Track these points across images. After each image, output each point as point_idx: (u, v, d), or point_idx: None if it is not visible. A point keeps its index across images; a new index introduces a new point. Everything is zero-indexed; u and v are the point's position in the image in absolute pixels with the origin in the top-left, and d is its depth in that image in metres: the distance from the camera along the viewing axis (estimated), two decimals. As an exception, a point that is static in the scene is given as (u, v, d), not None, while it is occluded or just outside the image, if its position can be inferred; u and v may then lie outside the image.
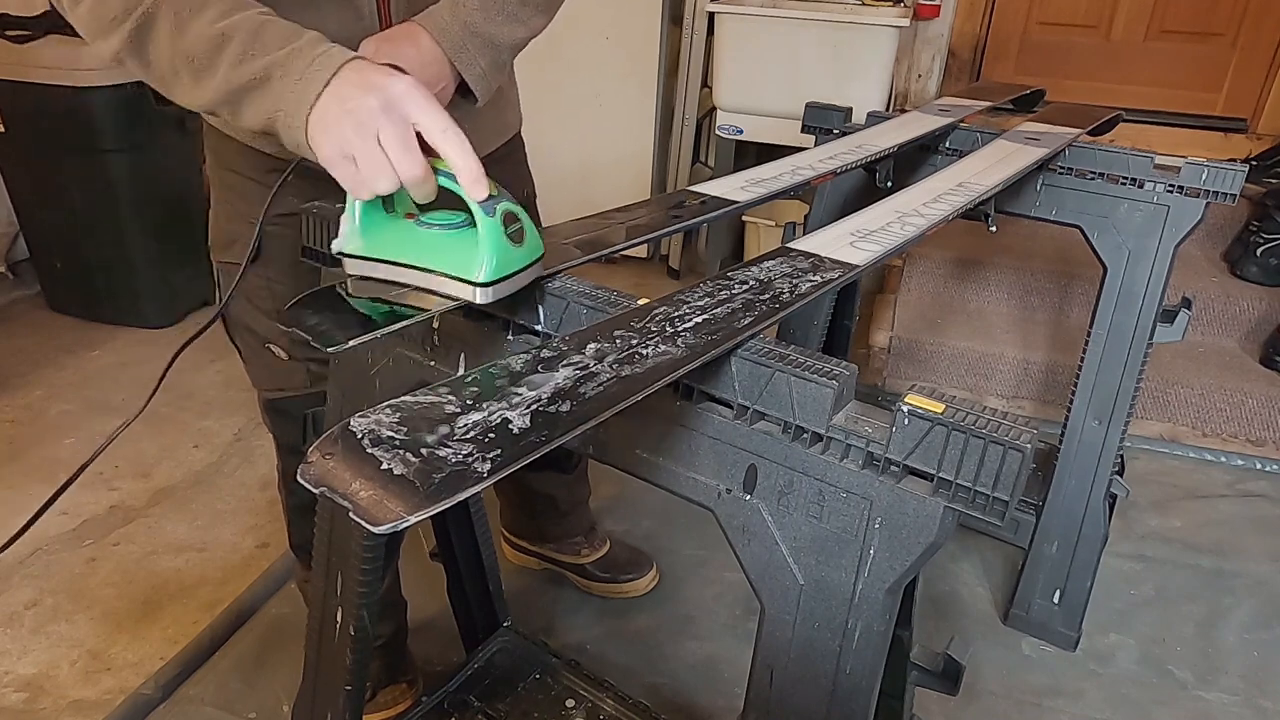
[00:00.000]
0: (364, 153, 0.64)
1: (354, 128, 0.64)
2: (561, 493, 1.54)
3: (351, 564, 0.88)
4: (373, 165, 0.64)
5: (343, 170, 0.66)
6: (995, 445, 0.53)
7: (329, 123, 0.65)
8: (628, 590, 1.62)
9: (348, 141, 0.65)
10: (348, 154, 0.65)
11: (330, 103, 0.66)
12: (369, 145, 0.64)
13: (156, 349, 2.43)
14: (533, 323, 0.72)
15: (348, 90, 0.65)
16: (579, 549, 1.61)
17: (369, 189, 0.66)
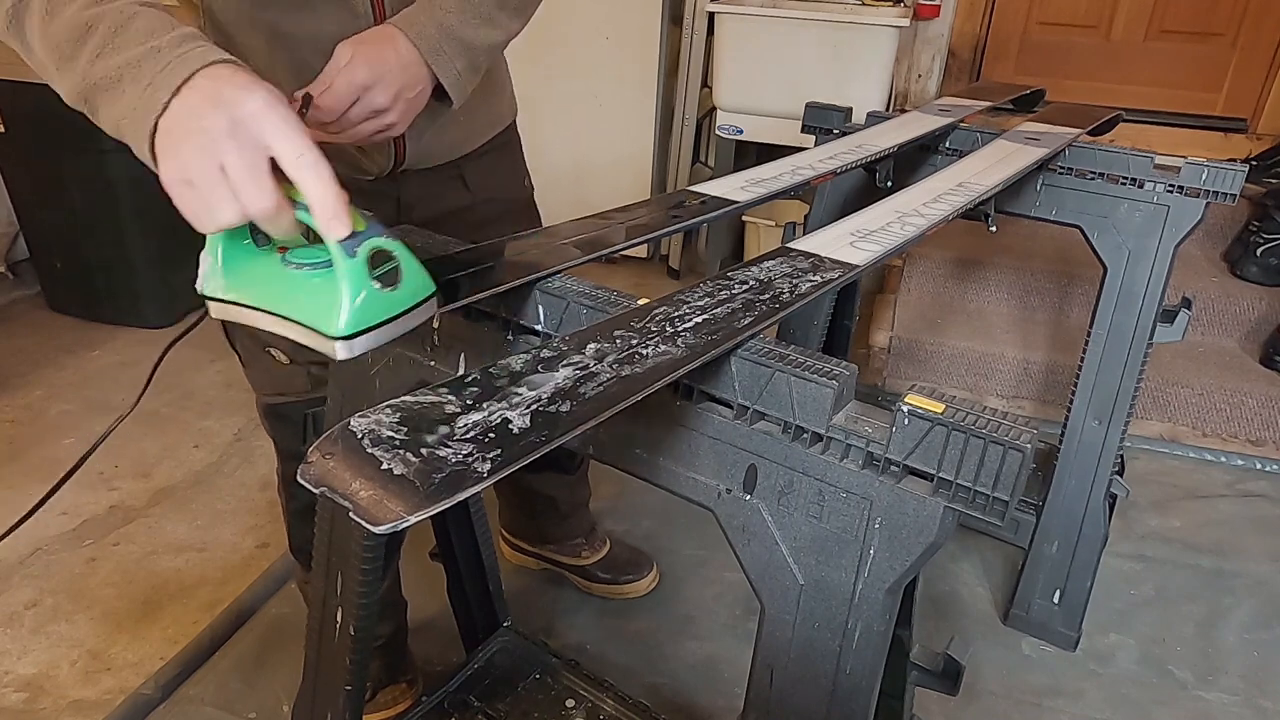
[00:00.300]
0: (204, 179, 0.56)
1: (196, 149, 0.56)
2: (562, 494, 1.54)
3: (351, 564, 0.88)
4: (213, 195, 0.56)
5: (182, 197, 0.57)
6: (995, 445, 0.53)
7: (174, 139, 0.57)
8: (628, 591, 1.62)
9: (187, 165, 0.56)
10: (187, 179, 0.56)
11: (180, 116, 0.57)
12: (210, 171, 0.55)
13: (156, 349, 2.41)
14: (533, 323, 0.72)
15: (196, 103, 0.57)
16: (579, 550, 1.61)
17: (210, 221, 0.58)
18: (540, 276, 0.72)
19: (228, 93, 0.57)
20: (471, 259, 0.74)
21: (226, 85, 0.57)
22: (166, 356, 0.85)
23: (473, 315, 0.75)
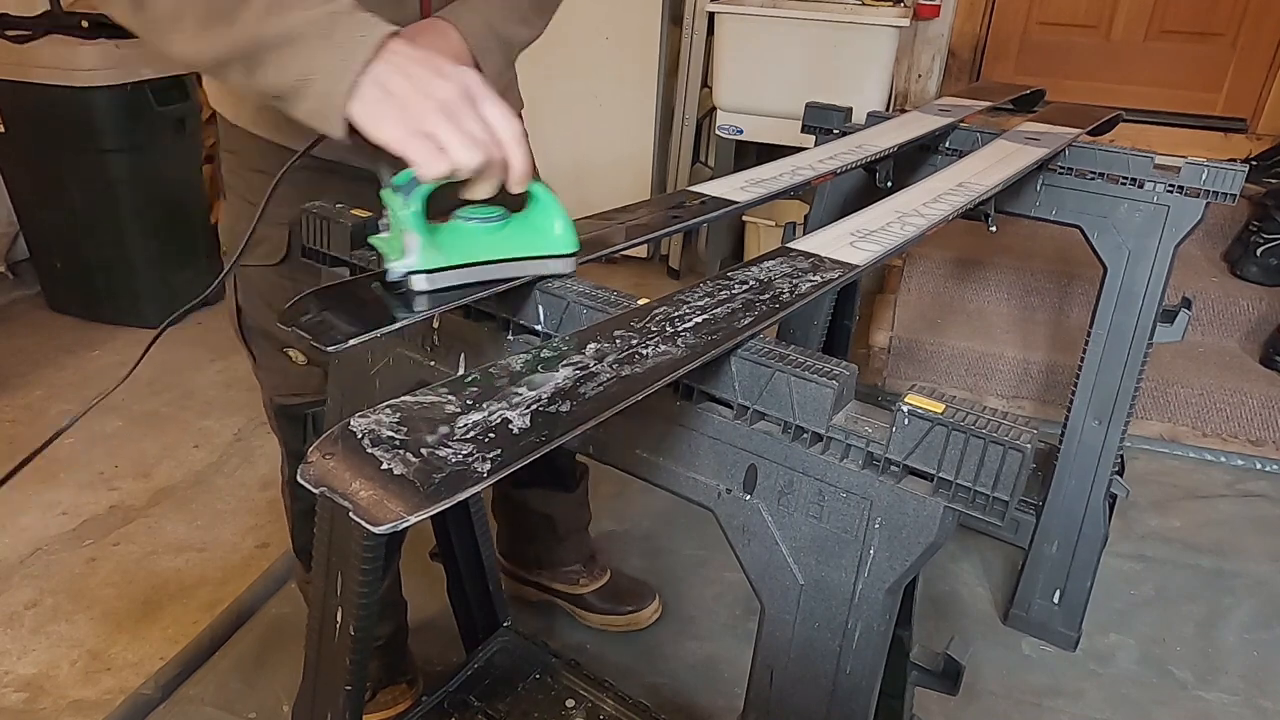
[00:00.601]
0: (452, 133, 0.63)
1: (438, 108, 0.62)
2: (561, 513, 1.49)
3: (351, 564, 0.88)
4: (461, 144, 0.63)
5: (418, 147, 0.62)
6: (995, 445, 0.53)
7: (399, 99, 0.63)
8: (628, 623, 1.56)
9: (426, 120, 0.62)
10: (426, 131, 0.62)
11: (396, 80, 0.63)
12: (452, 126, 0.62)
13: (156, 349, 2.42)
14: (533, 323, 0.72)
15: (418, 72, 0.63)
16: (576, 579, 1.55)
17: (449, 166, 0.63)
18: (540, 276, 0.72)
19: (445, 64, 0.64)
20: (471, 259, 0.74)
21: (437, 57, 0.64)
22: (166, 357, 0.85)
23: (473, 315, 0.75)
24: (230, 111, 0.98)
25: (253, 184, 1.00)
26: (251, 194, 1.00)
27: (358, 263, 0.82)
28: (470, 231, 0.69)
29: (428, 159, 0.63)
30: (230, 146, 1.01)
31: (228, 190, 1.04)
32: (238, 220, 1.04)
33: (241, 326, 1.08)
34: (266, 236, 1.00)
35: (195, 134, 2.57)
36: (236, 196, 1.03)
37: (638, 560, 1.74)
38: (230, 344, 2.54)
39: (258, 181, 0.99)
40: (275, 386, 1.11)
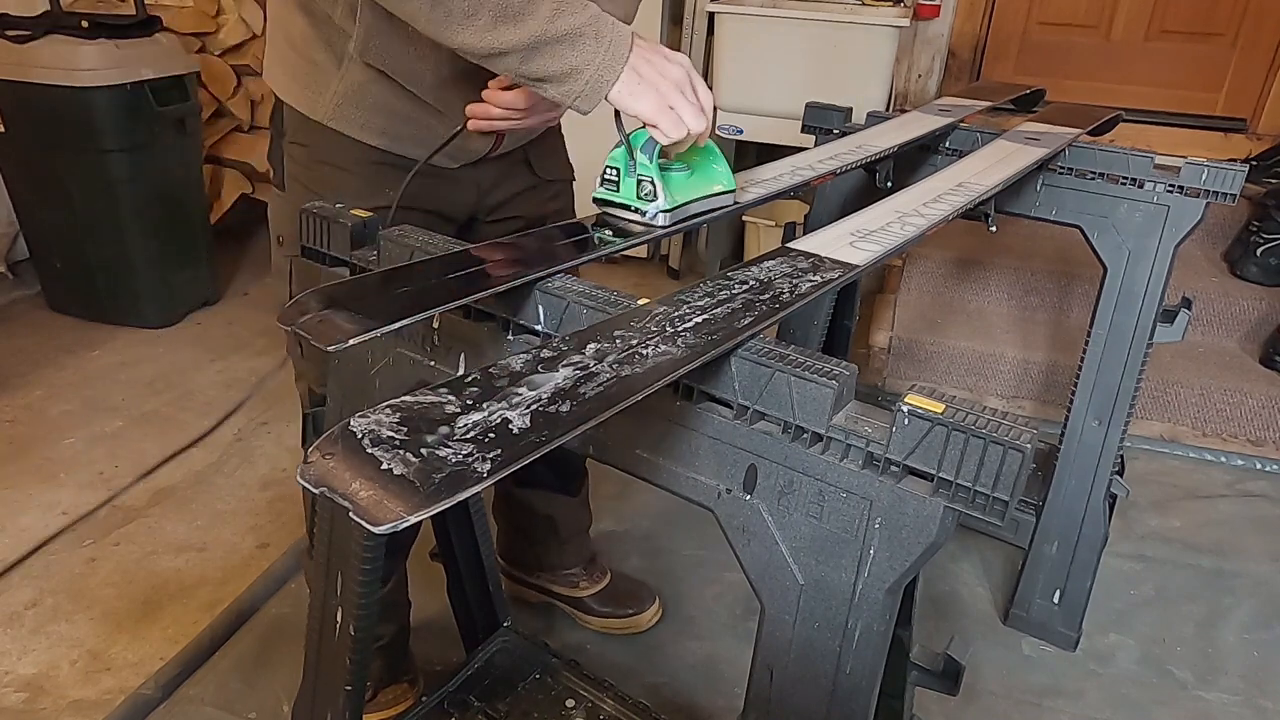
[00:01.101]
0: (686, 105, 0.82)
1: (675, 87, 0.82)
2: (562, 516, 1.49)
3: (351, 564, 0.88)
4: (693, 114, 0.83)
5: (667, 119, 0.82)
6: (995, 445, 0.53)
7: (650, 82, 0.82)
8: (628, 626, 1.56)
9: (670, 97, 0.82)
10: (671, 105, 0.82)
11: (645, 67, 0.82)
12: (686, 101, 0.82)
13: (156, 349, 2.43)
14: (533, 323, 0.72)
15: (658, 60, 0.83)
16: (576, 581, 1.55)
17: (686, 129, 0.82)
18: (540, 276, 0.72)
19: (670, 54, 0.84)
20: (472, 259, 0.74)
21: (664, 50, 0.85)
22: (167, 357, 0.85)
23: (473, 315, 0.75)
24: (307, 106, 1.03)
25: (321, 177, 1.05)
26: (318, 185, 1.05)
27: (358, 263, 0.82)
28: (679, 179, 0.88)
29: (672, 127, 0.82)
30: (301, 139, 1.06)
31: (289, 180, 1.09)
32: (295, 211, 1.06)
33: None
34: None
35: (195, 134, 2.57)
36: (300, 187, 1.07)
37: (638, 560, 1.74)
38: (230, 344, 2.55)
39: (327, 175, 1.05)
40: (318, 378, 1.12)
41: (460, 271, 0.71)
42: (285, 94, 1.05)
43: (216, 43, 2.80)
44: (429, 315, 0.71)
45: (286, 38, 1.03)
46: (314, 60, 1.00)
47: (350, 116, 1.02)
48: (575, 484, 1.49)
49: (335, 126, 1.02)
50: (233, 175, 2.96)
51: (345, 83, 1.00)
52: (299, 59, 1.02)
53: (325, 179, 1.05)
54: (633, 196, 0.86)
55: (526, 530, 1.52)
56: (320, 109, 1.02)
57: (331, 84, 1.00)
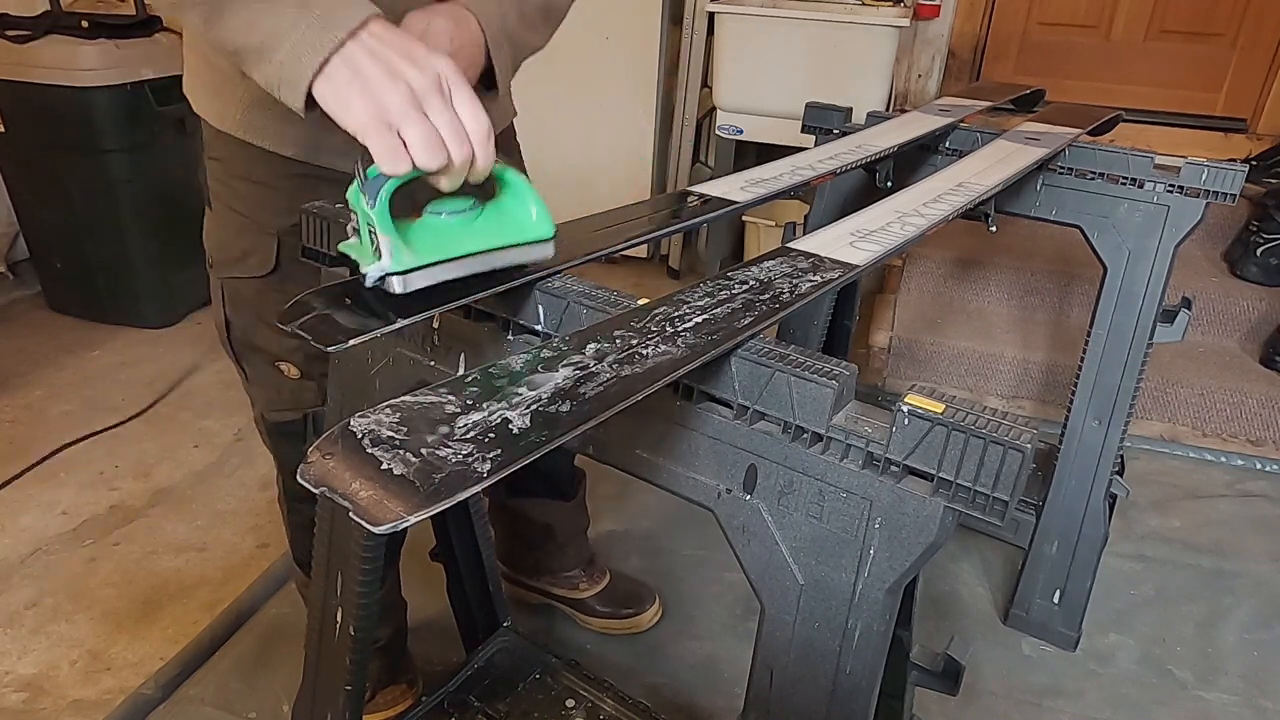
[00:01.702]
0: (416, 126, 0.60)
1: (409, 96, 0.60)
2: (560, 522, 1.48)
3: (351, 564, 0.88)
4: (426, 142, 0.60)
5: (381, 139, 0.60)
6: (995, 445, 0.53)
7: (368, 82, 0.60)
8: (628, 626, 1.55)
9: (393, 110, 0.59)
10: (390, 123, 0.60)
11: (367, 61, 0.60)
12: (420, 118, 0.60)
13: (156, 349, 2.43)
14: (533, 323, 0.72)
15: (393, 56, 0.60)
16: (576, 583, 1.54)
17: (413, 163, 0.61)
18: (540, 276, 0.72)
19: (417, 49, 0.61)
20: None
21: (410, 41, 0.61)
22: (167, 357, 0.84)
23: (473, 315, 0.75)
24: (215, 117, 0.94)
25: (240, 193, 0.96)
26: (238, 203, 0.96)
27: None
28: (442, 226, 0.68)
29: (388, 157, 0.60)
30: (215, 154, 0.97)
31: (213, 199, 0.99)
32: (224, 231, 0.99)
33: (231, 340, 1.05)
34: (256, 247, 0.96)
35: (195, 134, 2.56)
36: (222, 205, 0.98)
37: (638, 560, 1.74)
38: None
39: (245, 190, 0.96)
40: (268, 402, 1.07)
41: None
42: (196, 105, 0.96)
43: (216, 43, 2.79)
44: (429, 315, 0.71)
45: (194, 45, 0.95)
46: (218, 67, 0.91)
47: (260, 126, 0.91)
48: (569, 489, 1.47)
49: (246, 138, 0.92)
50: (233, 175, 2.96)
51: (251, 90, 0.88)
52: (206, 66, 0.93)
53: (245, 195, 0.96)
54: (366, 251, 0.65)
55: (524, 537, 1.51)
56: (229, 119, 0.92)
57: (237, 91, 0.90)
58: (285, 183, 0.93)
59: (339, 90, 0.60)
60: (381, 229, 0.63)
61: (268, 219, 0.94)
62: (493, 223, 0.69)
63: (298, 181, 0.93)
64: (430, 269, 0.65)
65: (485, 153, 0.64)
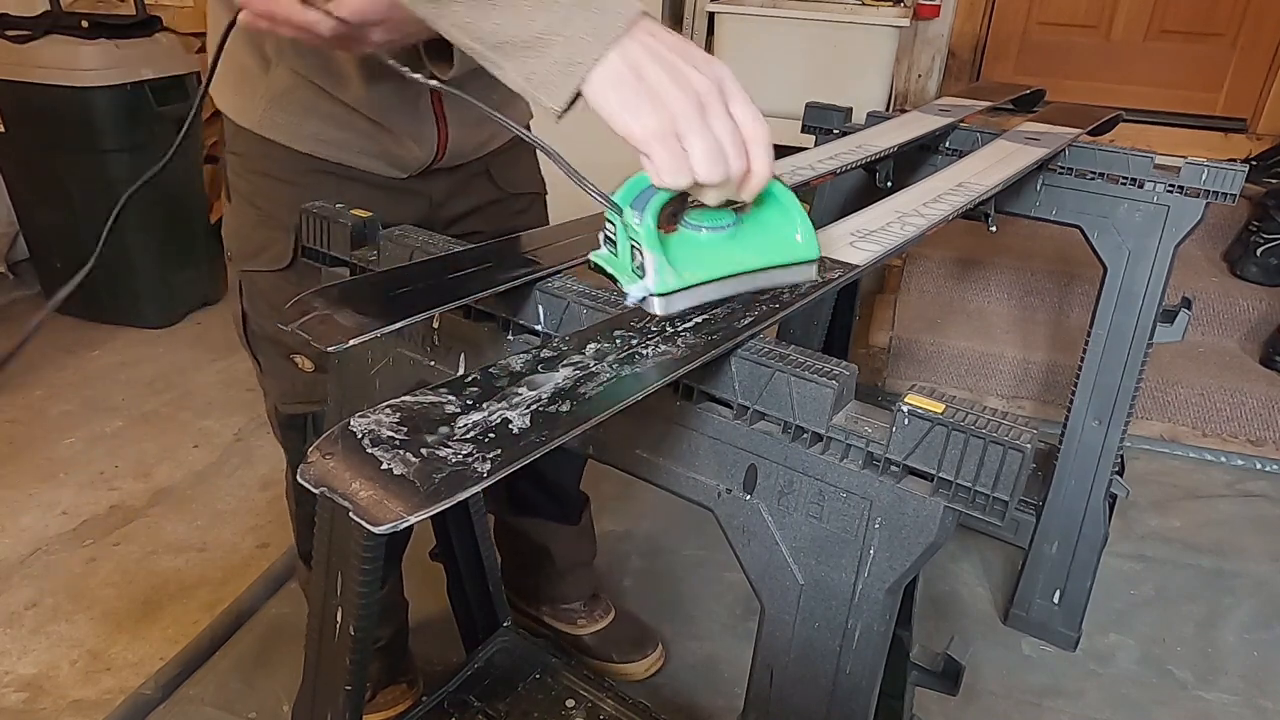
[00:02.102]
0: (701, 138, 0.55)
1: (694, 103, 0.55)
2: (560, 547, 1.43)
3: (351, 564, 0.88)
4: (709, 155, 0.56)
5: (664, 148, 0.55)
6: (995, 445, 0.53)
7: (652, 86, 0.55)
8: (623, 674, 1.47)
9: (680, 118, 0.55)
10: (675, 132, 0.55)
11: (648, 63, 0.55)
12: (703, 129, 0.55)
13: (156, 349, 2.43)
14: (533, 323, 0.72)
15: (672, 58, 0.55)
16: (575, 618, 1.48)
17: (690, 180, 0.57)
18: (540, 276, 0.72)
19: (695, 51, 0.57)
20: (471, 259, 0.74)
21: (686, 43, 0.57)
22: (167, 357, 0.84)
23: (473, 315, 0.75)
24: (236, 113, 0.96)
25: (259, 188, 0.98)
26: (257, 198, 0.99)
27: (358, 263, 0.82)
28: (703, 242, 0.63)
29: (672, 167, 0.56)
30: (235, 149, 0.99)
31: (232, 193, 1.02)
32: (242, 224, 1.01)
33: (246, 333, 1.06)
34: (272, 241, 0.98)
35: (195, 134, 2.57)
36: (241, 200, 1.01)
37: (638, 560, 1.74)
38: (230, 344, 2.54)
39: (264, 185, 0.98)
40: (281, 394, 1.09)
41: (460, 271, 0.71)
42: (219, 100, 0.99)
43: (216, 43, 2.79)
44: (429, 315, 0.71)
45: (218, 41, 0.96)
46: (242, 64, 0.93)
47: (280, 123, 0.94)
48: (574, 513, 1.43)
49: (265, 134, 0.95)
50: (233, 175, 2.96)
51: (272, 87, 0.92)
52: (229, 62, 0.94)
53: (263, 189, 0.98)
54: (625, 268, 0.61)
55: (523, 559, 1.47)
56: (250, 116, 0.95)
57: (259, 88, 0.93)
58: (303, 178, 0.96)
59: (617, 91, 0.56)
60: (648, 246, 0.59)
61: (285, 214, 0.95)
62: (755, 239, 0.64)
63: (315, 177, 0.95)
64: (694, 290, 0.61)
65: (765, 163, 0.59)
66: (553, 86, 0.57)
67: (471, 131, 1.02)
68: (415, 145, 0.97)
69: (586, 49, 0.55)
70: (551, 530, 1.42)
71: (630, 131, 0.56)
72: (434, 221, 1.05)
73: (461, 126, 0.99)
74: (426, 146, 0.98)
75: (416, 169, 1.00)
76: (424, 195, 1.04)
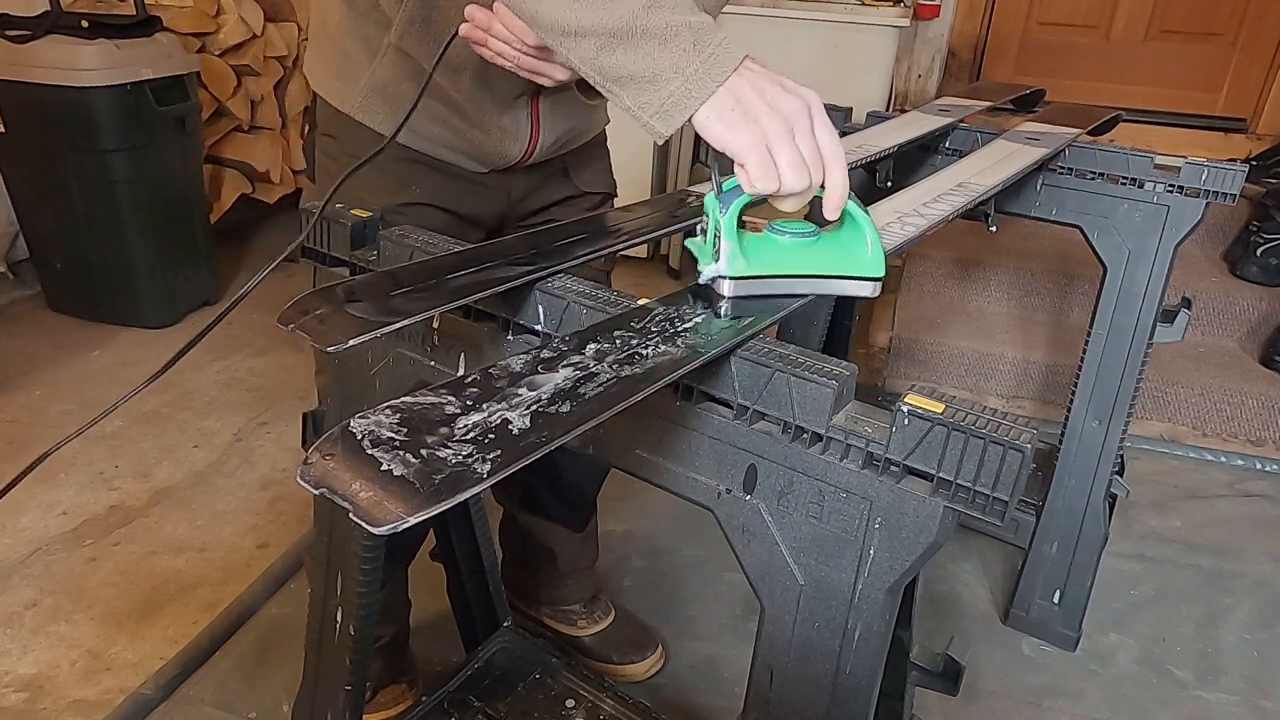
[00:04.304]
0: (788, 151, 0.65)
1: (784, 124, 0.65)
2: (564, 551, 1.43)
3: (351, 564, 0.88)
4: (794, 165, 0.65)
5: (757, 159, 0.65)
6: (995, 445, 0.53)
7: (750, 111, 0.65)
8: (621, 674, 1.46)
9: (771, 135, 0.65)
10: (767, 145, 0.65)
11: (749, 93, 0.65)
12: (790, 144, 0.65)
13: (156, 349, 2.43)
14: (533, 323, 0.72)
15: (770, 89, 0.66)
16: (575, 620, 1.48)
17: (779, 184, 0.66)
18: (540, 276, 0.72)
19: (790, 84, 0.67)
20: (471, 259, 0.74)
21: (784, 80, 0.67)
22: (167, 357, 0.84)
23: (473, 315, 0.75)
24: (336, 98, 1.02)
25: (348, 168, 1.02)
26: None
27: (358, 262, 0.82)
28: (781, 244, 0.71)
29: (762, 174, 0.65)
30: (331, 131, 1.04)
31: (319, 174, 1.08)
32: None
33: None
34: None
35: (195, 134, 2.57)
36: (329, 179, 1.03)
37: (638, 560, 1.74)
38: (230, 344, 2.55)
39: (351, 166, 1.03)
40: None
41: (460, 271, 0.71)
42: (317, 85, 1.05)
43: (216, 43, 2.80)
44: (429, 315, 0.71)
45: (323, 27, 1.03)
46: (347, 51, 1.00)
47: (377, 110, 1.00)
48: (581, 519, 1.43)
49: (362, 120, 1.01)
50: (233, 175, 2.96)
51: (376, 76, 0.99)
52: (333, 49, 1.01)
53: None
54: (707, 251, 0.71)
55: (525, 558, 1.48)
56: (349, 101, 1.01)
57: (362, 77, 0.99)
58: (392, 165, 1.01)
59: (721, 116, 0.65)
60: (726, 234, 0.68)
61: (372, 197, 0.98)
62: (828, 250, 0.71)
63: (403, 166, 1.02)
64: (759, 280, 0.69)
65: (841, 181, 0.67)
66: (667, 116, 0.67)
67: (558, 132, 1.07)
68: (509, 142, 1.02)
69: (701, 87, 0.65)
70: (557, 533, 1.42)
71: (729, 146, 0.65)
72: (511, 215, 1.12)
73: (553, 128, 1.05)
74: (519, 145, 1.03)
75: (502, 165, 1.05)
76: (504, 190, 1.10)
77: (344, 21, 0.99)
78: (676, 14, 0.66)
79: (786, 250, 0.70)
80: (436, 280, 0.70)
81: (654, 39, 0.66)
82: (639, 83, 0.67)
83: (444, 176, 1.03)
